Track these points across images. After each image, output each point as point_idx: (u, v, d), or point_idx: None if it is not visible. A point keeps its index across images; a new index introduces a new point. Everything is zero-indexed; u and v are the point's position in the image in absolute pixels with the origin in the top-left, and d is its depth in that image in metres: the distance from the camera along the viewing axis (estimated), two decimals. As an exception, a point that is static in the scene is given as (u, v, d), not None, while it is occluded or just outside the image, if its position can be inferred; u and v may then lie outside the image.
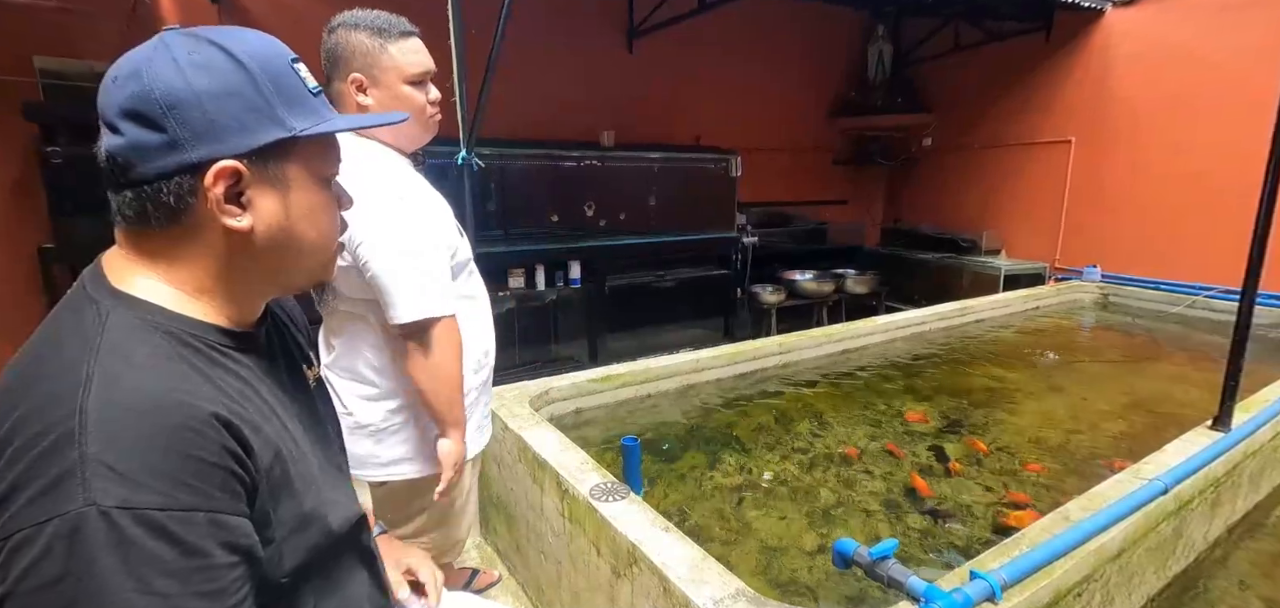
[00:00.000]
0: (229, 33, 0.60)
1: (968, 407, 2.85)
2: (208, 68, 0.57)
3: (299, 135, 0.62)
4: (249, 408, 0.60)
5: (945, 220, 5.99)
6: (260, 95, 0.60)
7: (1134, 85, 4.64)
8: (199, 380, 0.57)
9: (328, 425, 0.79)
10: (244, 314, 0.67)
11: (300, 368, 0.77)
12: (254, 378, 0.64)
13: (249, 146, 0.59)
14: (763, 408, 2.78)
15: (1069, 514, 1.51)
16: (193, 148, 0.57)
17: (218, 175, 0.58)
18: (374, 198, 1.26)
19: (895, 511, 2.03)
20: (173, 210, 0.58)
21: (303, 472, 0.65)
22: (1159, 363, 3.59)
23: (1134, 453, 2.28)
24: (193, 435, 0.53)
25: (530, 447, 1.85)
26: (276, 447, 0.62)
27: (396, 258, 1.25)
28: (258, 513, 0.58)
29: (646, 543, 1.37)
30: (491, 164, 3.66)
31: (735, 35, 5.33)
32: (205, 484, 0.53)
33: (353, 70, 1.28)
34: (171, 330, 0.59)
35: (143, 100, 0.56)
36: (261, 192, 0.61)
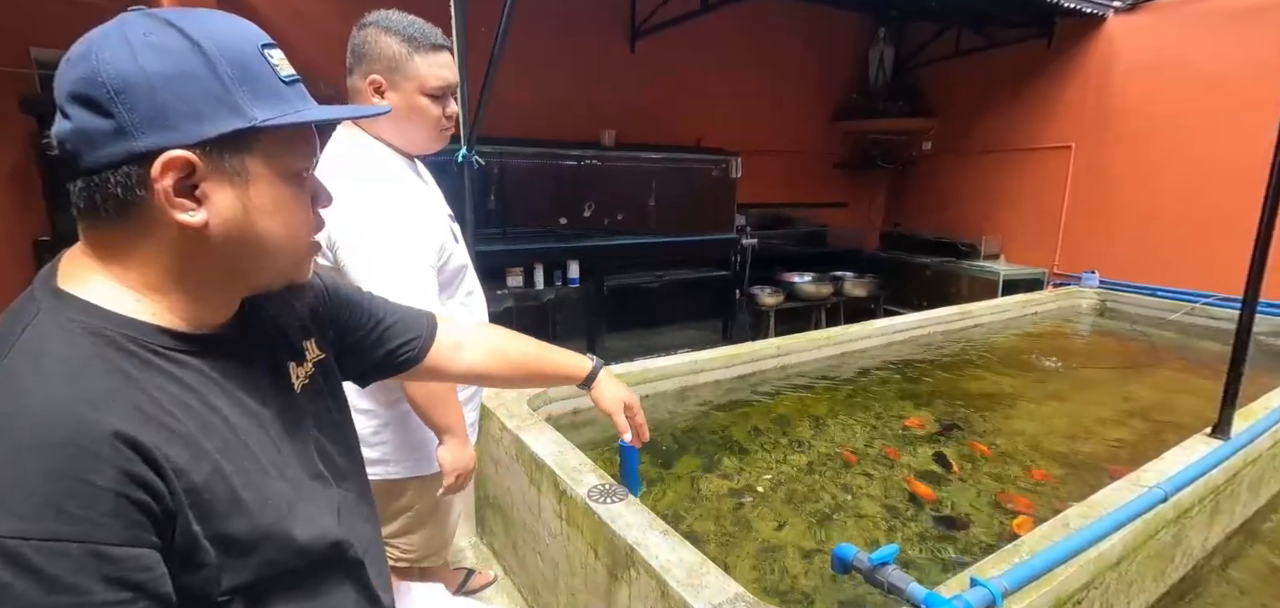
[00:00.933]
0: (193, 15, 0.56)
1: (967, 411, 2.84)
2: (162, 50, 0.53)
3: (260, 126, 0.57)
4: (183, 421, 0.56)
5: (945, 225, 5.99)
6: (218, 81, 0.55)
7: (1135, 93, 4.64)
8: (120, 390, 0.53)
9: (313, 430, 0.74)
10: (208, 314, 0.63)
11: (285, 368, 0.73)
12: (205, 384, 0.60)
13: (203, 136, 0.55)
14: (761, 410, 2.77)
15: (1069, 521, 1.50)
16: (141, 135, 0.53)
17: (166, 166, 0.54)
18: (356, 198, 1.24)
19: (894, 515, 2.03)
20: (120, 202, 0.54)
21: (257, 485, 0.61)
22: (1157, 370, 3.60)
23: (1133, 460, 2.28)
24: (83, 455, 0.48)
25: (528, 447, 1.84)
26: (215, 463, 0.57)
27: (375, 261, 1.23)
28: (181, 538, 0.54)
29: (645, 545, 1.36)
30: (491, 162, 3.65)
31: (737, 37, 5.33)
32: (88, 511, 0.47)
33: (374, 71, 1.27)
34: (104, 333, 0.55)
35: (90, 83, 0.52)
36: (217, 185, 0.57)
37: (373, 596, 0.77)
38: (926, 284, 5.53)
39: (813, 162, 6.30)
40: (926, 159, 6.22)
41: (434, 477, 1.49)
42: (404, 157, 1.38)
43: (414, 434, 1.44)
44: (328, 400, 0.80)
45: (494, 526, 2.23)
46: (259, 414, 0.65)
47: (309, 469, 0.71)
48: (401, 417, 1.43)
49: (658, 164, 4.44)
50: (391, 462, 1.45)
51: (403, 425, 1.43)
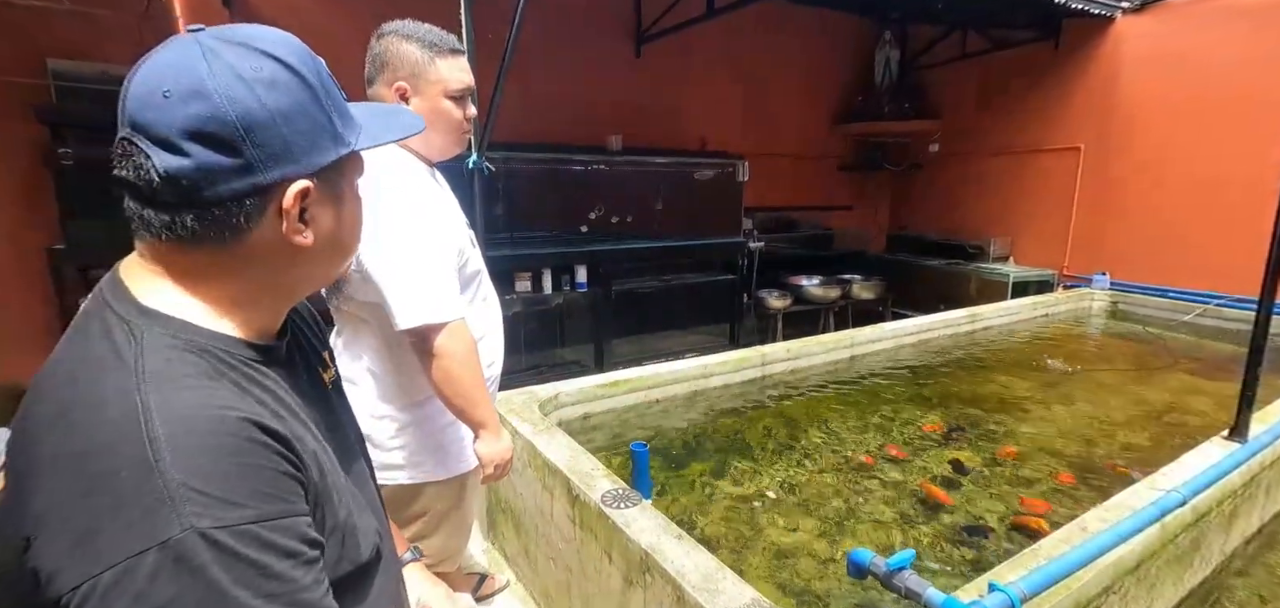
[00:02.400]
0: (269, 37, 0.59)
1: (978, 415, 2.83)
2: (275, 85, 0.56)
3: (356, 149, 0.62)
4: (287, 421, 0.60)
5: (952, 227, 5.97)
6: (323, 111, 0.59)
7: (1144, 92, 4.62)
8: (244, 397, 0.57)
9: (347, 429, 0.78)
10: (270, 326, 0.66)
11: (317, 372, 0.76)
12: (283, 391, 0.63)
13: (319, 165, 0.59)
14: (771, 414, 2.76)
15: (1087, 525, 1.49)
16: (268, 170, 0.56)
17: (296, 198, 0.58)
18: (377, 202, 1.26)
19: (908, 520, 2.02)
20: (236, 229, 0.57)
21: (335, 481, 0.65)
22: (1170, 372, 3.57)
23: (1146, 462, 2.26)
24: (259, 448, 0.53)
25: (540, 452, 1.84)
26: (316, 458, 0.62)
27: (397, 263, 1.25)
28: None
29: (660, 551, 1.35)
30: (498, 167, 3.66)
31: (742, 41, 5.34)
32: (281, 492, 0.54)
33: (398, 78, 1.31)
34: (207, 349, 0.57)
35: (216, 122, 0.53)
36: (322, 206, 0.61)
37: (402, 595, 0.80)
38: (934, 286, 5.51)
39: (818, 164, 6.30)
40: (933, 161, 6.21)
41: (453, 479, 1.51)
42: (424, 162, 1.40)
43: (432, 438, 1.45)
44: (347, 404, 0.83)
45: (505, 530, 2.23)
46: (312, 415, 0.68)
47: (351, 464, 0.75)
48: (420, 420, 1.44)
49: (664, 168, 4.45)
50: (408, 467, 1.46)
51: (421, 428, 1.44)
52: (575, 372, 4.16)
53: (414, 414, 1.43)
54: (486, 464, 1.40)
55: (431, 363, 1.29)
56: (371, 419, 1.43)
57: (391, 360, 1.40)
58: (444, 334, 1.27)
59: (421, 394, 1.42)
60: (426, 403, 1.44)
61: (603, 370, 4.39)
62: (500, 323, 1.61)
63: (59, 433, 0.51)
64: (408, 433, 1.43)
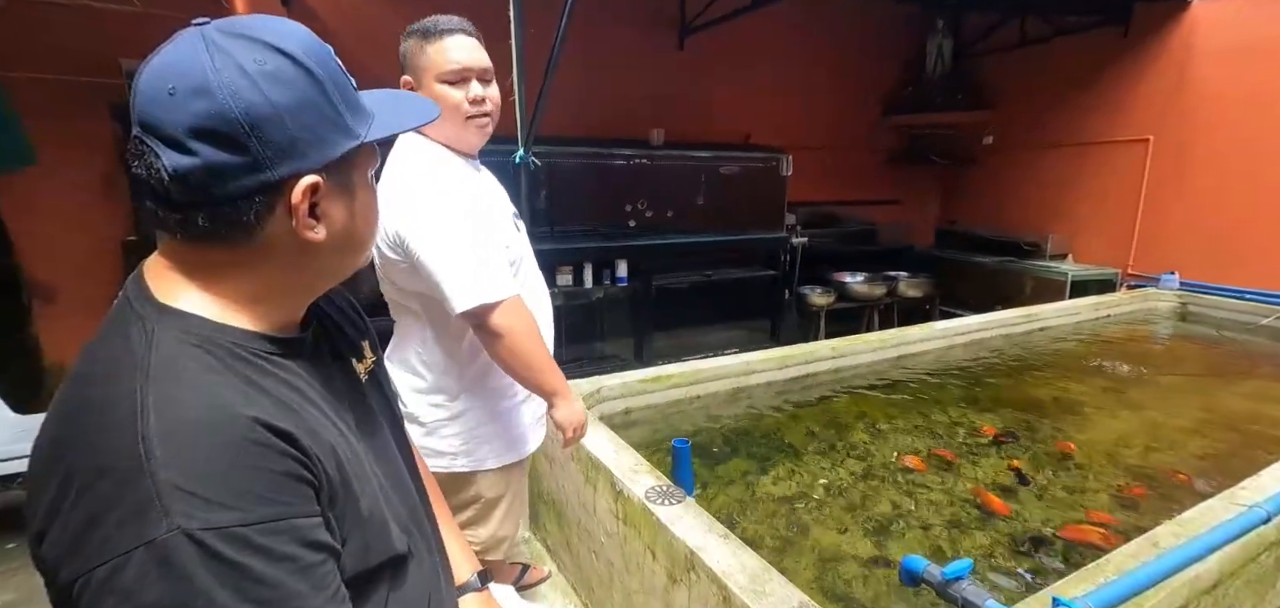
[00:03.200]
0: (273, 28, 0.57)
1: (1034, 420, 2.71)
2: (280, 79, 0.55)
3: (365, 140, 0.61)
4: (304, 415, 0.59)
5: (1005, 222, 5.73)
6: (330, 104, 0.58)
7: (1221, 82, 4.32)
8: (253, 392, 0.56)
9: (381, 419, 0.78)
10: (290, 318, 0.66)
11: (350, 363, 0.76)
12: (303, 383, 0.63)
13: (328, 159, 0.58)
14: (815, 414, 2.71)
15: (1158, 541, 1.41)
16: (276, 167, 0.55)
17: (305, 193, 0.57)
18: (421, 190, 1.28)
19: (959, 527, 1.95)
20: (247, 227, 0.57)
21: (358, 472, 0.64)
22: (1247, 379, 3.34)
23: (1221, 474, 2.12)
24: (258, 449, 0.52)
25: (583, 446, 1.85)
26: (335, 452, 0.60)
27: (446, 247, 1.26)
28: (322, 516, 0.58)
29: (705, 550, 1.34)
30: (541, 161, 3.69)
31: (788, 31, 5.23)
32: (278, 494, 0.53)
33: (404, 74, 1.34)
34: (221, 343, 0.57)
35: (220, 120, 0.52)
36: (334, 200, 0.61)
37: (447, 572, 0.81)
38: (985, 285, 5.30)
39: (864, 157, 6.13)
40: (986, 154, 5.95)
41: (503, 469, 1.52)
42: (460, 154, 1.40)
43: (484, 426, 1.47)
44: (388, 396, 0.83)
45: (547, 522, 2.26)
46: (341, 407, 0.68)
47: (384, 453, 0.75)
48: (471, 408, 1.46)
49: (706, 162, 4.41)
50: (460, 455, 1.48)
51: (472, 416, 1.46)
52: (614, 366, 4.17)
53: (466, 402, 1.45)
54: (565, 427, 1.42)
55: (495, 342, 1.30)
56: (425, 407, 1.46)
57: (441, 348, 1.42)
58: (500, 312, 1.28)
59: (472, 381, 1.44)
60: (477, 390, 1.46)
61: (642, 365, 4.39)
62: (548, 310, 1.62)
63: (69, 431, 0.53)
64: (459, 421, 1.45)
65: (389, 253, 1.34)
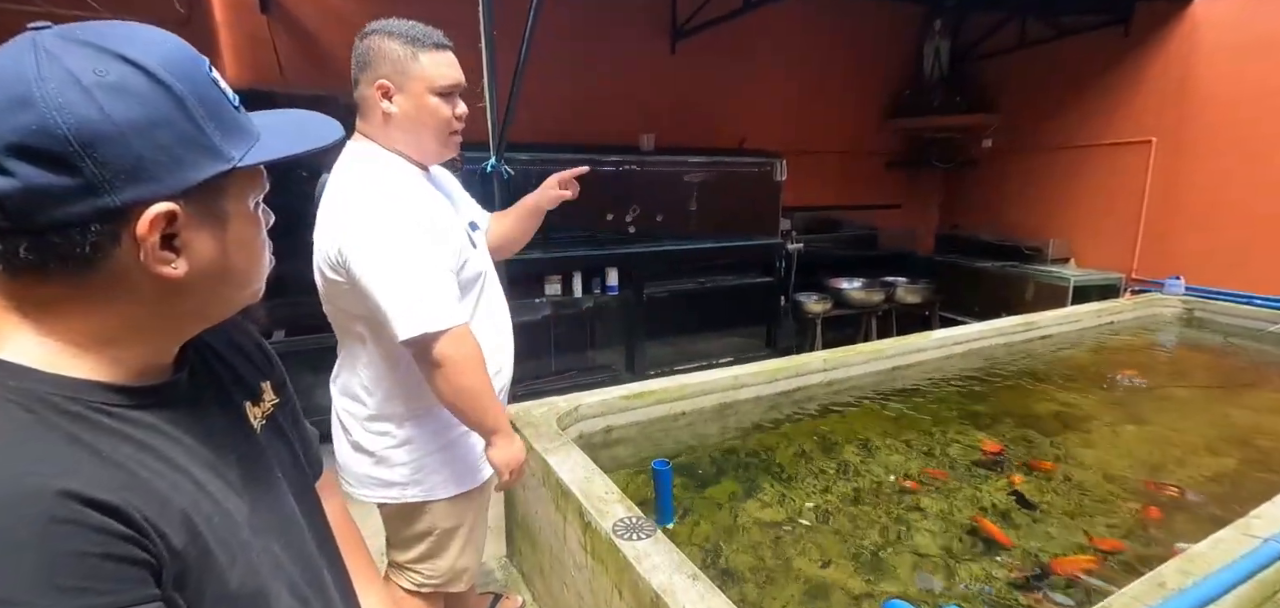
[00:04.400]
0: (128, 35, 0.49)
1: (1035, 435, 2.60)
2: (123, 91, 0.47)
3: (238, 165, 0.53)
4: (148, 479, 0.51)
5: (1007, 227, 5.61)
6: (192, 122, 0.50)
7: (1225, 81, 4.20)
8: (78, 456, 0.48)
9: (277, 470, 0.69)
10: (154, 362, 0.57)
11: (240, 407, 0.67)
12: (160, 439, 0.54)
13: (185, 185, 0.50)
14: (805, 431, 2.61)
15: (1165, 580, 1.30)
16: (117, 192, 0.47)
17: (153, 223, 0.49)
18: (366, 205, 1.20)
19: (954, 557, 1.84)
20: (85, 260, 0.48)
21: (227, 539, 0.56)
22: (1258, 390, 3.22)
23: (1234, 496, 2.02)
24: (66, 529, 0.44)
25: (554, 472, 1.75)
26: (189, 520, 0.52)
27: (389, 272, 1.18)
28: (165, 600, 0.50)
29: (672, 592, 1.24)
30: (529, 169, 3.60)
31: (782, 34, 5.14)
32: (91, 581, 0.44)
33: (380, 76, 1.24)
34: (44, 397, 0.49)
35: (44, 135, 0.45)
36: (196, 231, 0.53)
37: None
38: (986, 290, 5.18)
39: (862, 162, 6.02)
40: (987, 157, 5.84)
41: (458, 497, 1.44)
42: (417, 165, 1.33)
43: (436, 454, 1.39)
44: (293, 443, 0.74)
45: (523, 547, 2.16)
46: (218, 464, 0.60)
47: (281, 509, 0.67)
48: (422, 435, 1.38)
49: (699, 168, 4.31)
50: (410, 484, 1.40)
51: (424, 444, 1.38)
52: (606, 377, 4.07)
53: (414, 428, 1.36)
54: (501, 471, 1.33)
55: (435, 373, 1.22)
56: (371, 435, 1.38)
57: (389, 373, 1.33)
58: (445, 341, 1.20)
59: (422, 407, 1.36)
60: (428, 417, 1.37)
61: (634, 375, 4.29)
62: (508, 328, 1.53)
63: None
64: (408, 449, 1.37)
65: (330, 273, 1.25)
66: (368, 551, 0.92)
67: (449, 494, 1.43)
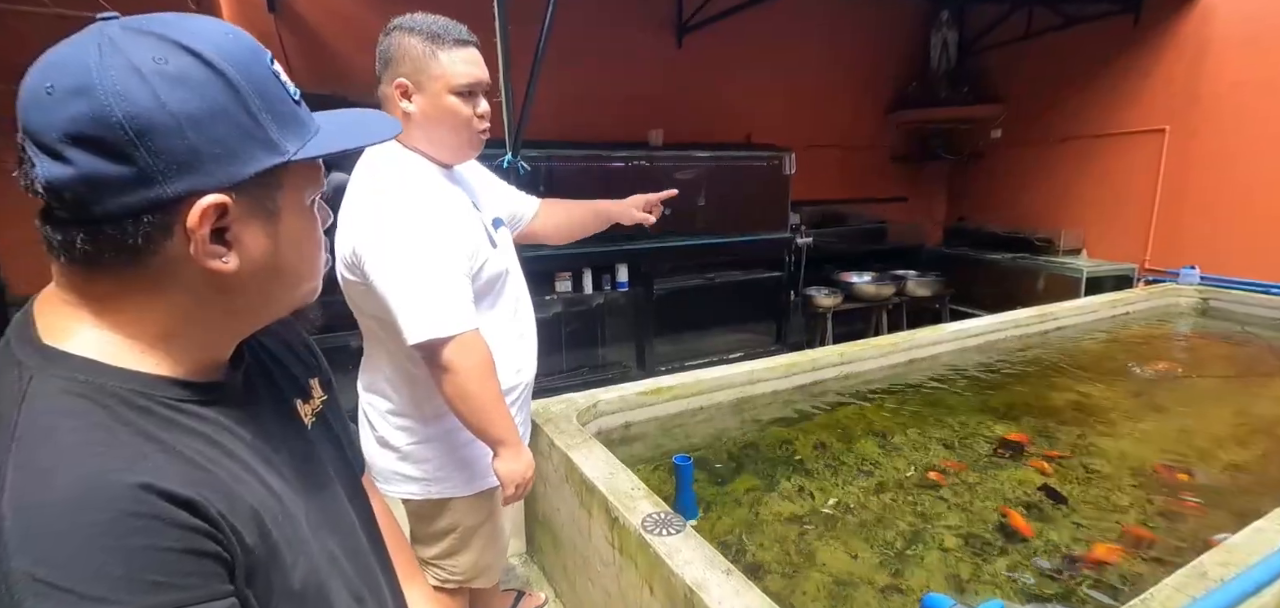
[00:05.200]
0: (192, 28, 0.49)
1: (1053, 426, 2.58)
2: (182, 81, 0.46)
3: (293, 159, 0.52)
4: (219, 474, 0.51)
5: (1016, 218, 5.58)
6: (248, 114, 0.50)
7: (1240, 68, 4.17)
8: (152, 451, 0.47)
9: (329, 468, 0.69)
10: (212, 359, 0.57)
11: (292, 405, 0.67)
12: (225, 435, 0.54)
13: (238, 178, 0.49)
14: (823, 425, 2.59)
15: (1206, 571, 1.28)
16: (170, 182, 0.46)
17: (204, 215, 0.48)
18: (380, 210, 1.19)
19: (981, 550, 1.82)
20: (138, 251, 0.48)
21: (291, 537, 0.56)
22: (1276, 379, 3.19)
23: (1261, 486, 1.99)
24: (142, 522, 0.44)
25: (578, 468, 1.74)
26: (257, 516, 0.52)
27: (400, 275, 1.17)
28: (237, 591, 0.49)
29: (706, 587, 1.23)
30: (538, 165, 3.59)
31: (788, 28, 5.11)
32: (168, 576, 0.44)
33: (400, 74, 1.22)
34: (114, 391, 0.48)
35: (101, 123, 0.44)
36: (248, 225, 0.52)
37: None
38: (997, 283, 5.16)
39: (870, 155, 6.00)
40: (995, 149, 5.81)
41: (482, 494, 1.44)
42: (439, 164, 1.31)
43: (458, 452, 1.38)
44: (340, 441, 0.74)
45: (544, 544, 2.15)
46: (277, 459, 0.59)
47: (330, 506, 0.66)
48: (443, 433, 1.37)
49: (707, 163, 4.29)
50: (433, 480, 1.40)
51: (444, 442, 1.37)
52: (617, 373, 4.06)
53: (436, 427, 1.35)
54: (506, 484, 1.30)
55: (442, 378, 1.20)
56: (395, 431, 1.37)
57: (407, 373, 1.32)
58: (452, 348, 1.18)
59: (442, 407, 1.35)
60: (448, 416, 1.36)
61: (645, 371, 4.28)
62: (532, 327, 1.51)
63: None
64: (431, 447, 1.36)
65: (346, 273, 1.24)
66: (409, 546, 0.91)
67: (472, 491, 1.42)
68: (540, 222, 1.77)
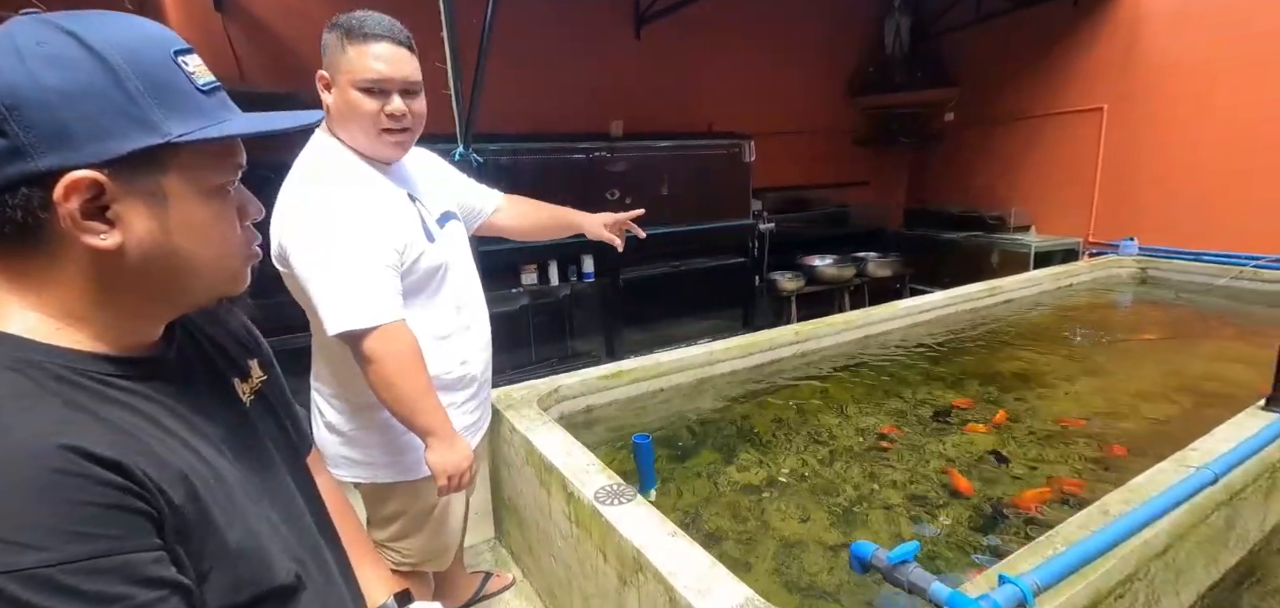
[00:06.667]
0: (93, 19, 0.52)
1: (998, 392, 2.72)
2: (57, 60, 0.49)
3: (175, 141, 0.53)
4: (146, 441, 0.54)
5: (972, 198, 5.78)
6: (125, 94, 0.51)
7: (1170, 47, 4.39)
8: (79, 418, 0.51)
9: (267, 442, 0.72)
10: (135, 337, 0.60)
11: (229, 383, 0.70)
12: (154, 407, 0.58)
13: (110, 155, 0.51)
14: (780, 401, 2.69)
15: (1108, 509, 1.40)
16: (40, 156, 0.49)
17: (69, 188, 0.50)
18: (304, 202, 1.21)
19: (923, 505, 1.94)
20: (21, 226, 0.51)
21: (224, 502, 0.59)
22: (1205, 340, 3.40)
23: (1179, 437, 2.15)
24: (70, 480, 0.47)
25: (537, 449, 1.80)
26: (187, 480, 0.55)
27: (320, 266, 1.19)
28: (168, 550, 0.52)
29: (652, 549, 1.30)
30: (500, 160, 3.62)
31: (746, 16, 5.20)
32: (102, 528, 0.47)
33: (321, 67, 1.26)
34: (41, 365, 0.52)
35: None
36: (131, 206, 0.53)
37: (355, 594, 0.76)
38: (954, 261, 5.34)
39: (830, 140, 6.13)
40: (950, 131, 5.99)
41: (423, 481, 1.44)
42: (374, 159, 1.33)
43: (397, 438, 1.40)
44: (280, 417, 0.77)
45: (511, 527, 2.21)
46: (212, 431, 0.63)
47: (271, 482, 0.69)
48: (379, 422, 1.38)
49: (668, 152, 4.36)
50: (376, 466, 1.43)
51: (382, 430, 1.39)
52: (586, 363, 4.09)
53: (371, 415, 1.38)
54: (437, 475, 1.31)
55: (366, 368, 1.23)
56: (337, 416, 1.41)
57: (341, 360, 1.34)
58: (374, 338, 1.21)
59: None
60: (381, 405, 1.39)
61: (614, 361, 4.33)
62: (481, 319, 1.55)
63: None
64: (371, 433, 1.39)
65: (276, 263, 1.27)
66: (359, 521, 0.95)
67: (420, 475, 1.43)
68: (503, 217, 1.81)
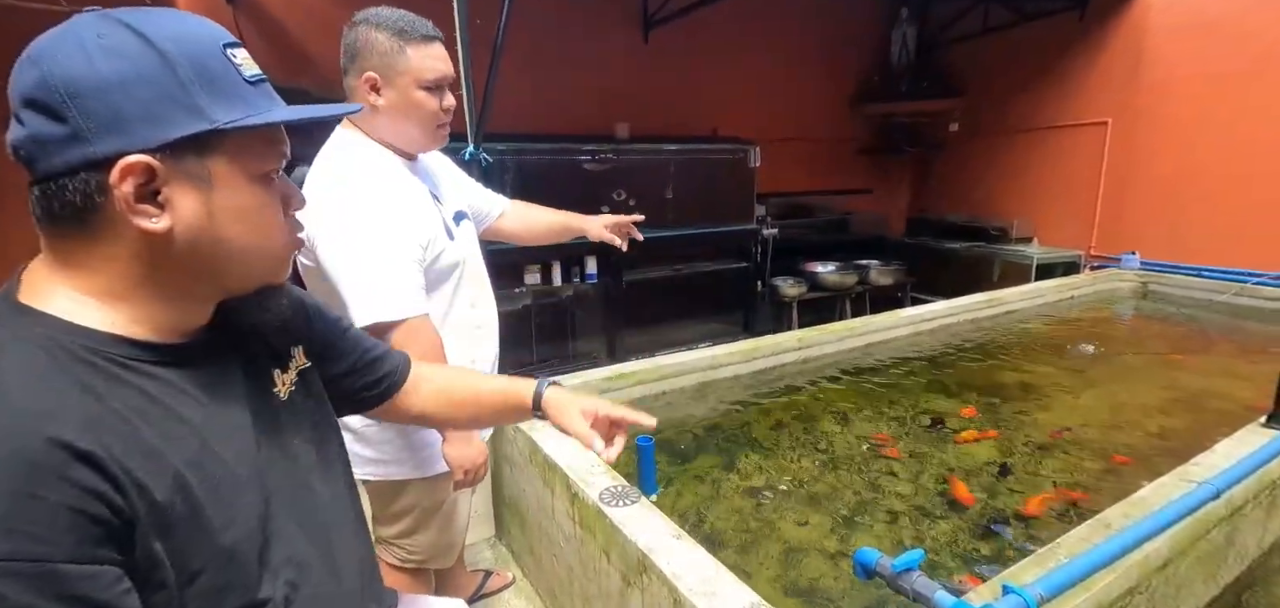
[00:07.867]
0: (150, 15, 0.55)
1: (999, 403, 2.73)
2: (115, 52, 0.52)
3: (223, 128, 0.56)
4: (143, 431, 0.54)
5: (974, 208, 5.79)
6: (176, 83, 0.54)
7: (1175, 62, 4.40)
8: (77, 402, 0.51)
9: (295, 438, 0.71)
10: (179, 322, 0.61)
11: (266, 374, 0.70)
12: (173, 394, 0.58)
13: (161, 140, 0.53)
14: (782, 406, 2.70)
15: (1110, 522, 1.41)
16: (98, 141, 0.52)
17: (125, 171, 0.52)
18: (332, 196, 1.23)
19: (925, 515, 1.94)
20: (78, 209, 0.53)
21: (227, 499, 0.58)
22: (1205, 356, 3.41)
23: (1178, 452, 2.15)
24: (29, 470, 0.46)
25: (540, 448, 1.81)
26: (180, 476, 0.55)
27: (348, 257, 1.21)
28: (142, 553, 0.51)
29: (657, 551, 1.31)
30: (506, 159, 3.63)
31: (753, 23, 5.22)
32: (37, 527, 0.46)
33: (368, 68, 1.26)
34: (64, 346, 0.53)
35: (42, 87, 0.51)
36: (180, 190, 0.55)
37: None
38: (956, 271, 5.35)
39: (834, 148, 6.15)
40: (953, 141, 6.02)
41: (438, 477, 1.46)
42: (402, 154, 1.35)
43: (412, 435, 1.41)
44: (316, 410, 0.77)
45: (512, 527, 2.21)
46: (231, 426, 0.63)
47: (290, 482, 0.69)
48: None
49: (674, 156, 4.37)
50: (392, 462, 1.43)
51: (398, 425, 1.40)
52: (587, 364, 4.12)
53: None
54: (455, 469, 1.34)
55: None
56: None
57: None
58: (400, 332, 1.22)
59: None
60: None
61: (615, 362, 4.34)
62: (491, 319, 1.56)
63: None
64: (386, 429, 1.39)
65: (304, 259, 1.28)
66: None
67: (430, 473, 1.44)
68: (507, 221, 1.82)
